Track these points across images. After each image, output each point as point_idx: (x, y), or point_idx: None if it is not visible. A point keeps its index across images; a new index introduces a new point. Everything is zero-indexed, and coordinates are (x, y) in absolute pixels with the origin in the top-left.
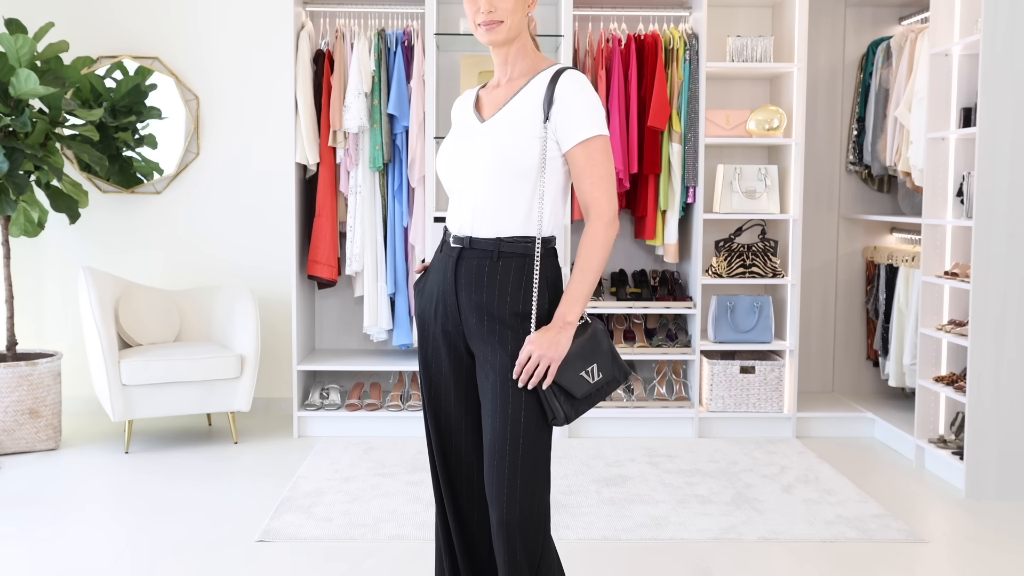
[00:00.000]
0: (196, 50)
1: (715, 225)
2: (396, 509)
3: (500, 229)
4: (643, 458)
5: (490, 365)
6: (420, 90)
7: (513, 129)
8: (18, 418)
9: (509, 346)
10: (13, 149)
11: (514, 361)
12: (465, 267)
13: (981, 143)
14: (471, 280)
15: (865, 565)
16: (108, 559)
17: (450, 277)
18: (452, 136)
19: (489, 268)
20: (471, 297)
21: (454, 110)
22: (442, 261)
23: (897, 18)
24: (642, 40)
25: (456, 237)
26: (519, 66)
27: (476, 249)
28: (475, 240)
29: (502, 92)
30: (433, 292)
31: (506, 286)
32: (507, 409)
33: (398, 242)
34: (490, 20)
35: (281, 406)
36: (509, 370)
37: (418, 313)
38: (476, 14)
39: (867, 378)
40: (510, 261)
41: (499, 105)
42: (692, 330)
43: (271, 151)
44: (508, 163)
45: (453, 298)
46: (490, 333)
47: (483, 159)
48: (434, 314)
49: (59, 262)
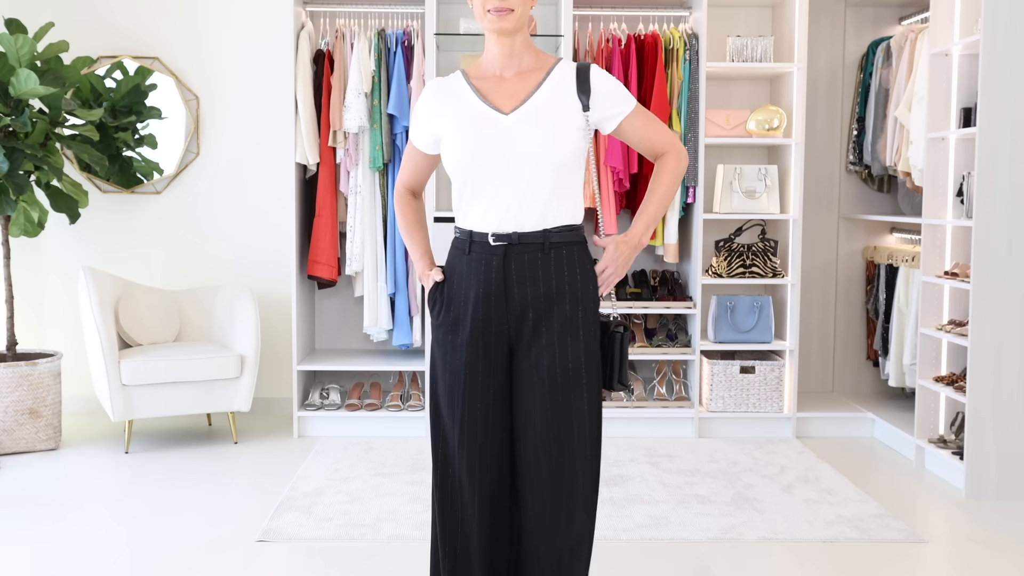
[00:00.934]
0: (196, 50)
1: (715, 225)
2: (396, 509)
3: (546, 220)
4: (643, 458)
5: (556, 357)
6: (420, 90)
7: (558, 122)
8: (18, 418)
9: (581, 333)
10: (13, 149)
11: (587, 352)
12: (516, 263)
13: (981, 143)
14: (524, 275)
15: (865, 565)
16: (108, 559)
17: (497, 276)
18: (465, 129)
19: (542, 260)
20: (526, 292)
21: (435, 98)
22: (477, 262)
23: (897, 18)
24: (642, 40)
25: (498, 235)
26: (526, 59)
27: (525, 244)
28: (523, 235)
29: (515, 84)
30: (469, 296)
31: (562, 275)
32: (579, 401)
33: (398, 242)
34: (502, 7)
35: (281, 406)
36: (582, 363)
37: (451, 320)
38: (487, 1)
39: (867, 378)
40: (560, 250)
41: (520, 97)
42: (692, 330)
43: (271, 151)
44: (557, 156)
45: (502, 297)
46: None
47: (529, 153)
48: (471, 317)
49: (59, 262)
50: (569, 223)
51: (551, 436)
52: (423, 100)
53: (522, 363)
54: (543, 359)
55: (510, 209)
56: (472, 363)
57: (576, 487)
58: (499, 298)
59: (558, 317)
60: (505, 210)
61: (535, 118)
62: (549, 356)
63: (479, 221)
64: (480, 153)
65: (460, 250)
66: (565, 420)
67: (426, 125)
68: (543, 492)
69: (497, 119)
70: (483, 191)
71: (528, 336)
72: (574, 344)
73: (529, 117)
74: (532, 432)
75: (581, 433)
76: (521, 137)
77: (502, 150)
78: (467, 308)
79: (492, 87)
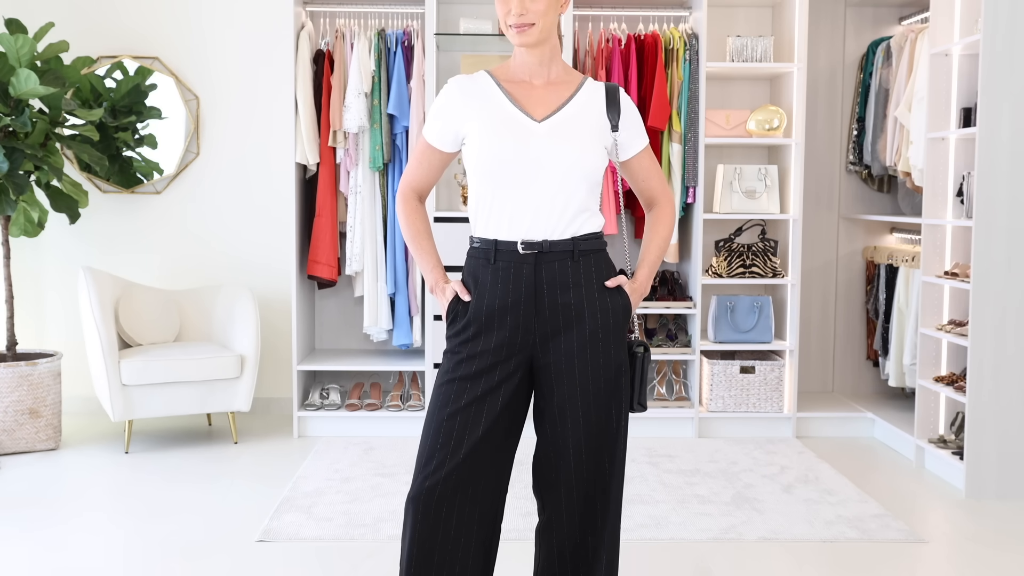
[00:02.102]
0: (196, 50)
1: (715, 225)
2: (396, 509)
3: (576, 229)
4: (643, 458)
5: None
6: (420, 90)
7: (589, 135)
8: (18, 418)
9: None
10: (13, 149)
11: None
12: (547, 271)
13: (981, 143)
14: (555, 283)
15: (865, 565)
16: (108, 559)
17: (528, 285)
18: (497, 130)
19: (572, 268)
20: (556, 299)
21: (461, 95)
22: (505, 271)
23: (897, 18)
24: (642, 40)
25: (528, 243)
26: (554, 69)
27: (556, 252)
28: (553, 243)
29: (545, 93)
30: (494, 306)
31: (592, 282)
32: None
33: (398, 242)
34: (521, 23)
35: (281, 406)
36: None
37: (471, 331)
38: (507, 15)
39: (867, 378)
40: (588, 258)
41: (551, 106)
42: (692, 330)
43: (271, 151)
44: (588, 167)
45: (531, 306)
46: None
47: (564, 161)
48: (497, 327)
49: (59, 262)
50: (594, 231)
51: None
52: (447, 96)
53: (552, 368)
54: (575, 365)
55: (539, 216)
56: (490, 371)
57: (608, 494)
58: (528, 307)
59: (590, 324)
60: (534, 217)
61: (567, 129)
62: (582, 362)
63: (505, 229)
64: (510, 158)
65: (482, 260)
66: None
67: (449, 122)
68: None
69: (529, 125)
70: (509, 196)
71: (556, 343)
72: (605, 349)
73: (562, 127)
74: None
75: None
76: (556, 145)
77: (537, 156)
78: (493, 318)
79: (523, 93)
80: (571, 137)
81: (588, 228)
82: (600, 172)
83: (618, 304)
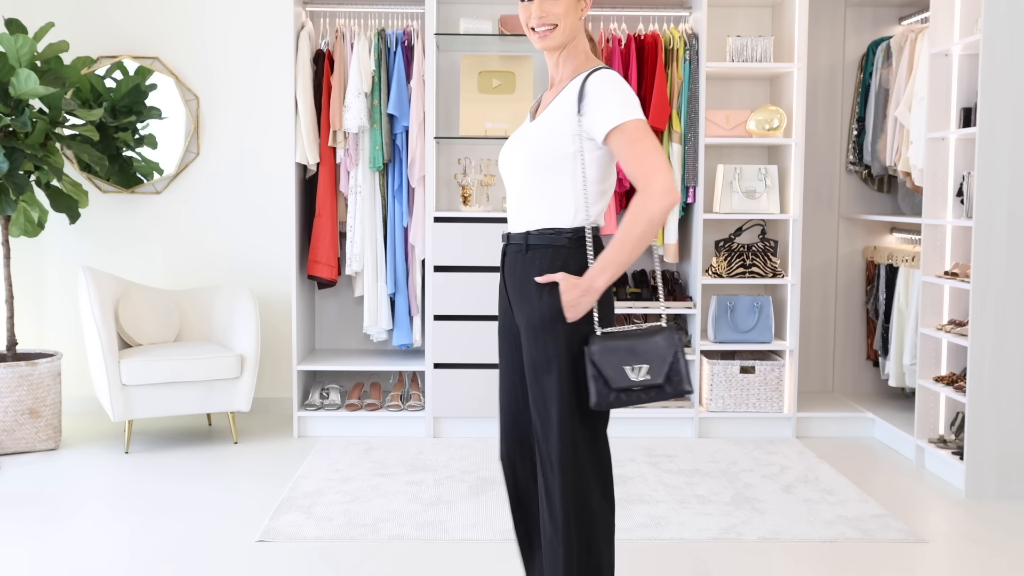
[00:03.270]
0: (196, 50)
1: (715, 225)
2: (396, 509)
3: (529, 223)
4: (643, 458)
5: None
6: (420, 90)
7: (549, 126)
8: (18, 418)
9: (536, 339)
10: (13, 149)
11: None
12: (509, 262)
13: (981, 143)
14: (512, 275)
15: (865, 565)
16: (108, 559)
17: (501, 276)
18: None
19: (521, 262)
20: (513, 291)
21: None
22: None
23: (897, 18)
24: (642, 40)
25: (505, 235)
26: (564, 70)
27: (513, 244)
28: (512, 236)
29: (551, 94)
30: (500, 288)
31: (529, 278)
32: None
33: (398, 242)
34: (542, 24)
35: (281, 406)
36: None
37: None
38: (529, 19)
39: (867, 378)
40: (536, 253)
41: (546, 106)
42: (692, 330)
43: (271, 151)
44: (538, 158)
45: (504, 293)
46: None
47: (515, 158)
48: (501, 309)
49: (59, 262)
50: (553, 226)
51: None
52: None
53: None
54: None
55: (511, 211)
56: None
57: (545, 483)
58: (502, 293)
59: (520, 319)
60: (510, 212)
61: (538, 124)
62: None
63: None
64: (501, 156)
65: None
66: (536, 412)
67: None
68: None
69: (526, 126)
70: (507, 194)
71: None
72: (528, 346)
73: (537, 124)
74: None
75: (546, 429)
76: (514, 141)
77: (510, 154)
78: (503, 299)
79: (546, 95)
80: (536, 130)
81: (546, 223)
82: (555, 160)
83: (545, 303)
